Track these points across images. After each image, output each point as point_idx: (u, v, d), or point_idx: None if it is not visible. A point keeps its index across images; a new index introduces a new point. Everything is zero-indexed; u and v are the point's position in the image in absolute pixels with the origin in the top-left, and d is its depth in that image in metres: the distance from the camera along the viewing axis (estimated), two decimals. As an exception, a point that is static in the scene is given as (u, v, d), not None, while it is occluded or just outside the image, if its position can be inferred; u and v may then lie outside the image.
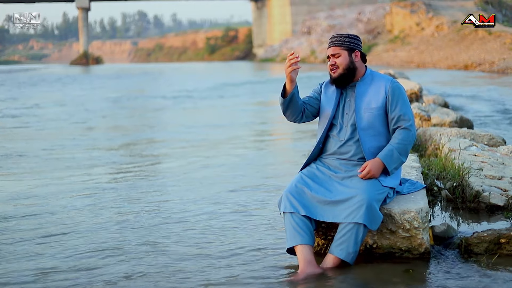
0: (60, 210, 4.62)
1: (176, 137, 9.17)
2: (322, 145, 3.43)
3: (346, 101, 3.39)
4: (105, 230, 4.02)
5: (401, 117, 3.29)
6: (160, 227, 4.06)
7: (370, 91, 3.35)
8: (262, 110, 14.35)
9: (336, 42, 3.35)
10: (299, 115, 3.42)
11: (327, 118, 3.40)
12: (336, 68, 3.34)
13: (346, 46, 3.34)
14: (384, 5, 50.08)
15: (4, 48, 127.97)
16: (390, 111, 3.31)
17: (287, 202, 3.18)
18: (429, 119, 7.23)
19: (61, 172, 6.29)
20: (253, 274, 3.12)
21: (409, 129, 3.30)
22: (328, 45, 3.39)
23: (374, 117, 3.31)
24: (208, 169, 6.32)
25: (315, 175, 3.31)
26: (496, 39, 30.56)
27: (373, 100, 3.32)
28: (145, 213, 4.46)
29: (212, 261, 3.34)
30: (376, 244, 3.25)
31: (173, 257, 3.43)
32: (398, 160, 3.28)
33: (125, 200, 4.92)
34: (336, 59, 3.34)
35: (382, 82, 3.35)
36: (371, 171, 3.20)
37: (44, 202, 4.92)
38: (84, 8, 64.38)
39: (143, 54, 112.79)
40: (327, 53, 3.39)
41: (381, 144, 3.32)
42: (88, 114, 13.57)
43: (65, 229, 4.08)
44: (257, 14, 68.52)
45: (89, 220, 4.30)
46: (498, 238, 3.24)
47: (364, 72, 3.41)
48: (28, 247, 3.70)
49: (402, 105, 3.31)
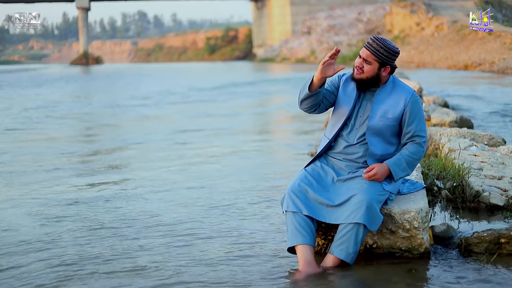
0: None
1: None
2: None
3: (363, 104, 3.35)
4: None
5: (416, 133, 3.29)
6: (160, 227, 4.06)
7: (389, 101, 3.30)
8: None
9: (374, 50, 3.23)
10: (314, 108, 3.35)
11: (342, 117, 3.35)
12: (361, 72, 3.27)
13: (380, 59, 3.24)
14: (384, 5, 50.04)
15: (4, 48, 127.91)
16: (406, 125, 3.28)
17: (290, 201, 3.18)
18: (429, 119, 7.23)
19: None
20: (253, 274, 3.12)
21: (421, 145, 3.29)
22: (365, 45, 3.27)
23: (387, 127, 3.28)
24: (207, 170, 6.31)
25: (319, 175, 3.29)
26: (496, 39, 30.56)
27: (391, 111, 3.28)
28: (141, 212, 4.47)
29: (211, 261, 3.34)
30: (376, 244, 3.25)
31: (172, 257, 3.43)
32: (405, 171, 3.29)
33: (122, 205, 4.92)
34: (365, 64, 3.26)
35: (403, 94, 3.30)
36: (377, 174, 3.20)
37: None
38: (84, 8, 64.36)
39: (143, 54, 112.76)
40: (360, 52, 3.28)
41: (387, 152, 3.31)
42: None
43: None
44: (257, 14, 68.49)
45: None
46: (498, 238, 3.24)
47: (387, 79, 3.35)
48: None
49: (419, 122, 3.29)
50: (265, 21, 64.13)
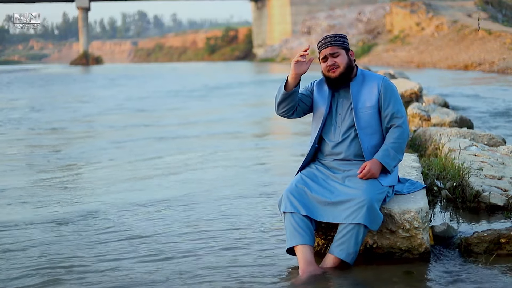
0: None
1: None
2: (318, 145, 3.43)
3: (339, 102, 3.40)
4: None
5: (394, 115, 3.32)
6: (160, 228, 4.06)
7: (364, 91, 3.36)
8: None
9: (333, 42, 3.35)
10: (291, 110, 3.41)
11: (320, 117, 3.40)
12: (336, 67, 3.33)
13: (342, 46, 3.35)
14: (384, 5, 50.03)
15: (4, 48, 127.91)
16: (383, 109, 3.34)
17: (288, 202, 3.18)
18: (429, 119, 7.23)
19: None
20: (253, 275, 3.12)
21: (401, 126, 3.32)
22: (322, 47, 3.36)
23: (370, 116, 3.32)
24: (206, 170, 6.32)
25: (314, 175, 3.31)
26: (496, 39, 30.54)
27: (368, 99, 3.34)
28: (146, 213, 4.47)
29: (211, 262, 3.34)
30: (376, 244, 3.25)
31: (171, 258, 3.43)
32: (396, 159, 3.30)
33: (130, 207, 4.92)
34: (335, 59, 3.33)
35: (374, 81, 3.37)
36: (371, 170, 3.21)
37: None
38: (84, 8, 64.31)
39: (143, 54, 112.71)
40: (323, 54, 3.35)
41: (378, 142, 3.34)
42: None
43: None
44: (257, 14, 68.46)
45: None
46: (498, 238, 3.24)
47: (356, 72, 3.42)
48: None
49: (395, 103, 3.34)
50: (265, 21, 64.11)
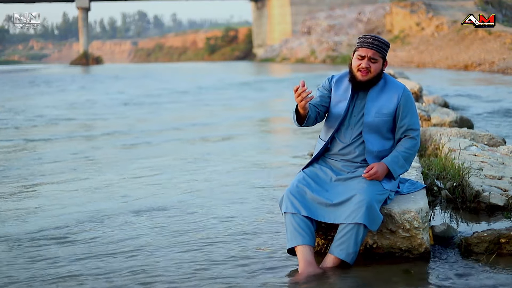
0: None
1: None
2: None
3: (357, 103, 3.37)
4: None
5: (410, 127, 3.33)
6: (158, 229, 4.06)
7: (383, 97, 3.33)
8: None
9: (378, 47, 3.26)
10: (312, 123, 3.39)
11: (337, 118, 3.37)
12: (367, 72, 3.28)
13: (383, 55, 3.29)
14: (384, 5, 50.05)
15: (4, 48, 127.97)
16: (400, 119, 3.33)
17: (289, 202, 3.18)
18: (429, 119, 7.23)
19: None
20: (253, 275, 3.12)
21: (415, 139, 3.34)
22: (366, 45, 3.26)
23: (383, 123, 3.31)
24: (205, 170, 6.32)
25: (317, 176, 3.30)
26: (496, 39, 30.56)
27: (385, 106, 3.31)
28: (145, 212, 4.47)
29: (211, 262, 3.34)
30: (376, 244, 3.25)
31: (171, 259, 3.43)
32: (403, 167, 3.32)
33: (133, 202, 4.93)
34: (372, 64, 3.27)
35: (395, 90, 3.33)
36: (377, 173, 3.21)
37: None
38: (84, 8, 64.35)
39: (143, 54, 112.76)
40: (363, 52, 3.27)
41: (384, 148, 3.33)
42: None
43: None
44: (257, 14, 68.49)
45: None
46: (498, 238, 3.24)
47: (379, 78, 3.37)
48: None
49: (412, 115, 3.34)
50: (265, 21, 64.13)
